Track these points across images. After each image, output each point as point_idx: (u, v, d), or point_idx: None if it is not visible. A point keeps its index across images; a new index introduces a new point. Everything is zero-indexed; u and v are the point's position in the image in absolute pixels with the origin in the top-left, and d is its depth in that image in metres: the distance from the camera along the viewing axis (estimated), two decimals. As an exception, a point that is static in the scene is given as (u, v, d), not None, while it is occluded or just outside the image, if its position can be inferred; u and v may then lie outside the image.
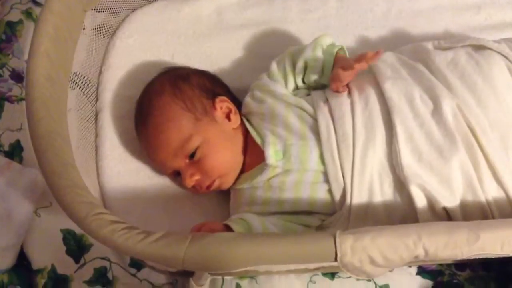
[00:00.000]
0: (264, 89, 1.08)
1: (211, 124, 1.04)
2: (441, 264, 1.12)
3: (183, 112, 1.03)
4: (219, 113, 1.06)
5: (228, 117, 1.07)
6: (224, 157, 1.04)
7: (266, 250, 0.76)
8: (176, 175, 1.07)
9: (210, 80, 1.11)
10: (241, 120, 1.09)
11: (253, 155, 1.05)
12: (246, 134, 1.08)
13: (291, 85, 1.09)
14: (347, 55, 1.08)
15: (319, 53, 1.06)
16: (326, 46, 1.07)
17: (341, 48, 1.07)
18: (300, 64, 1.07)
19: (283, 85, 1.09)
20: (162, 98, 1.05)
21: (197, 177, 1.04)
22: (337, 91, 1.01)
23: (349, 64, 0.97)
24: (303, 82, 1.10)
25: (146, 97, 1.08)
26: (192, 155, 1.03)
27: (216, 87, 1.11)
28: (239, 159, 1.06)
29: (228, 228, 0.94)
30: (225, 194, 1.09)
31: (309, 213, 0.99)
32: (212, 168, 1.03)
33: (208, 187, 1.05)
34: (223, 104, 1.07)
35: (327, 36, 1.09)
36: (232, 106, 1.08)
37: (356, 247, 0.75)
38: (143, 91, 1.10)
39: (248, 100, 1.09)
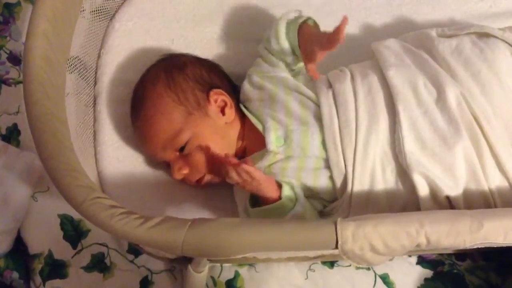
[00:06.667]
0: (262, 75, 1.06)
1: (203, 118, 1.03)
2: (441, 254, 1.12)
3: (174, 105, 1.02)
4: (213, 107, 1.04)
5: (222, 111, 1.05)
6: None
7: (266, 237, 0.75)
8: (168, 166, 1.06)
9: (207, 71, 1.08)
10: (238, 108, 1.07)
11: (253, 140, 1.04)
12: (244, 120, 1.06)
13: (287, 67, 1.07)
14: (316, 23, 1.05)
15: (283, 42, 1.03)
16: (285, 29, 1.03)
17: (304, 21, 1.02)
18: (272, 57, 1.06)
19: (283, 67, 1.07)
20: (155, 89, 1.03)
21: (185, 171, 1.02)
22: (314, 75, 0.96)
23: (327, 40, 0.91)
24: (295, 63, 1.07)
25: (140, 87, 1.07)
26: (182, 149, 1.02)
27: (214, 78, 1.08)
28: (231, 153, 1.04)
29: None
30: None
31: (312, 197, 0.98)
32: (201, 163, 1.02)
33: (198, 181, 1.04)
34: (218, 97, 1.05)
35: (285, 16, 1.05)
36: (228, 99, 1.06)
37: (357, 234, 0.74)
38: (138, 80, 1.09)
39: (246, 86, 1.08)
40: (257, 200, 0.94)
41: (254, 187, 0.89)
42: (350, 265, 1.09)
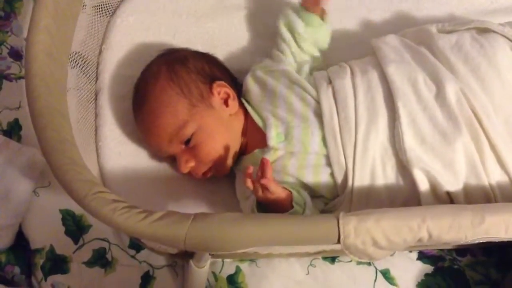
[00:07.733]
0: (266, 69, 1.07)
1: (207, 110, 1.03)
2: (441, 250, 1.12)
3: (178, 97, 1.02)
4: (217, 99, 1.04)
5: (226, 102, 1.05)
6: (219, 144, 1.02)
7: (269, 231, 0.75)
8: (173, 160, 1.06)
9: (208, 64, 1.09)
10: (241, 101, 1.07)
11: (254, 136, 1.04)
12: (246, 116, 1.06)
13: (291, 58, 1.09)
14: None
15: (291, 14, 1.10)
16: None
17: None
18: (286, 35, 1.10)
19: (285, 63, 1.08)
20: (158, 83, 1.03)
21: (191, 163, 1.02)
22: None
23: None
24: (299, 47, 1.10)
25: (143, 81, 1.07)
26: (187, 142, 1.02)
27: (215, 70, 1.08)
28: (236, 145, 1.05)
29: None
30: (228, 175, 1.08)
31: (313, 196, 0.98)
32: (207, 155, 1.02)
33: (205, 174, 1.04)
34: (221, 89, 1.05)
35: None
36: (230, 91, 1.06)
37: (359, 228, 0.74)
38: (140, 75, 1.09)
39: (248, 80, 1.08)
40: (263, 206, 0.92)
41: (269, 197, 0.87)
42: (351, 261, 1.09)
